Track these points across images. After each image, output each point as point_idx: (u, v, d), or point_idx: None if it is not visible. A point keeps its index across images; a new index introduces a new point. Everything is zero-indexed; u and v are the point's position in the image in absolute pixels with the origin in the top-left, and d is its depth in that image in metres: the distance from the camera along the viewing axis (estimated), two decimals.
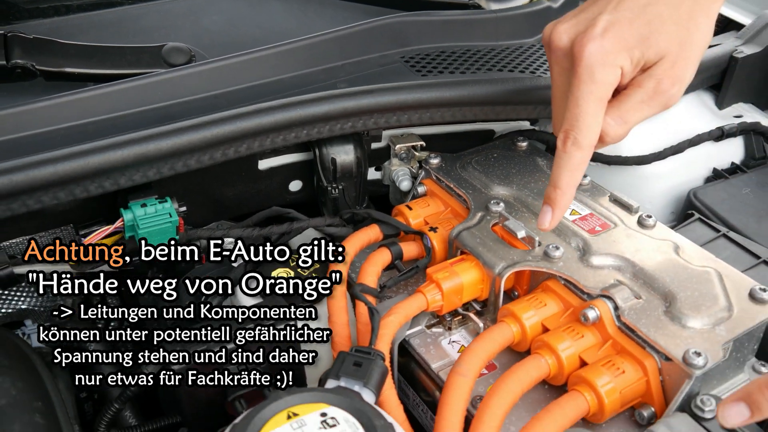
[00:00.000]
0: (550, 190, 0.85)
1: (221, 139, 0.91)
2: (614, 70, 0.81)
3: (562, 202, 0.85)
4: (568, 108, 0.82)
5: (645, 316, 0.82)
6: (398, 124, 1.03)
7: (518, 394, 0.80)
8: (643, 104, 0.84)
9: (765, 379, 0.68)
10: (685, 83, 0.84)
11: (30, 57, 1.00)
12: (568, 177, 0.84)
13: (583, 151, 0.82)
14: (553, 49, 0.86)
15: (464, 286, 0.92)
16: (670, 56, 0.82)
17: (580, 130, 0.81)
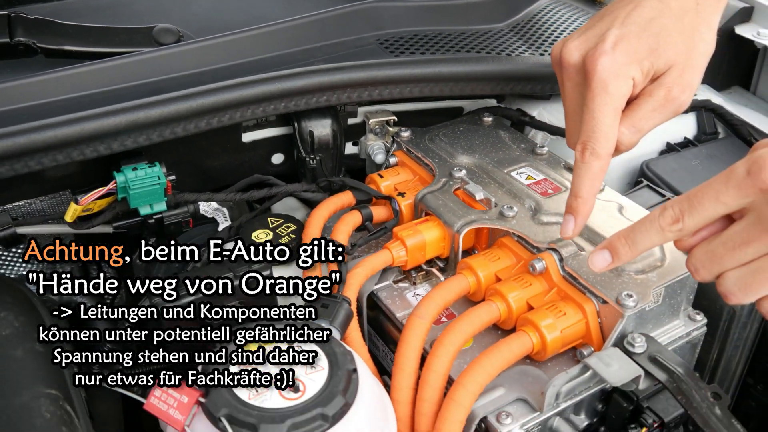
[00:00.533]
0: (572, 199, 0.87)
1: (205, 109, 1.00)
2: (627, 81, 0.85)
3: (584, 211, 0.87)
4: (585, 120, 0.86)
5: (586, 266, 0.91)
6: (370, 99, 1.12)
7: (470, 333, 0.89)
8: (655, 112, 0.88)
9: (624, 231, 0.76)
10: (694, 89, 0.89)
11: (31, 35, 1.09)
12: (589, 186, 0.86)
13: (601, 161, 0.85)
14: (564, 65, 0.89)
15: (427, 243, 1.00)
16: (678, 65, 0.86)
17: (597, 140, 0.85)
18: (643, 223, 0.75)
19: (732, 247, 0.69)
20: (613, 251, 0.78)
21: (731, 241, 0.69)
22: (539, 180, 1.06)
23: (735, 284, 0.70)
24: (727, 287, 0.71)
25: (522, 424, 0.84)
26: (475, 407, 0.84)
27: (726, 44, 1.34)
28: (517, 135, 1.19)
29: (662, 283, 0.89)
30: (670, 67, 0.86)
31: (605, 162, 0.85)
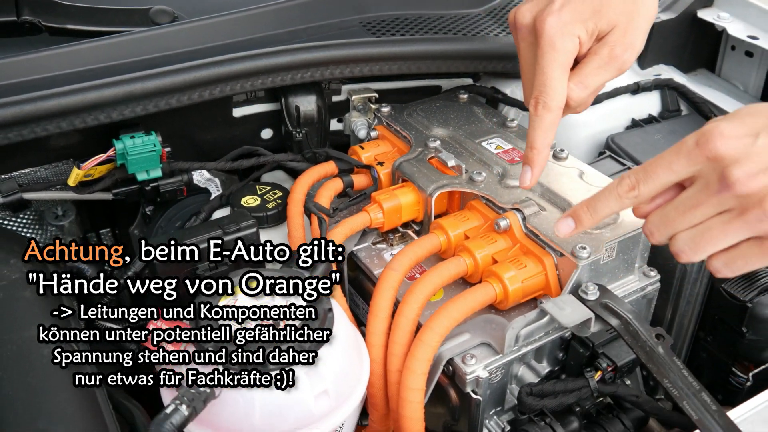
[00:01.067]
0: (528, 151, 0.95)
1: (197, 82, 1.08)
2: (572, 38, 0.93)
3: (539, 161, 0.95)
4: (536, 76, 0.94)
5: (546, 223, 0.99)
6: (352, 75, 1.20)
7: (438, 284, 0.97)
8: (600, 69, 0.95)
9: (586, 200, 0.83)
10: (636, 49, 0.97)
11: (37, 15, 1.18)
12: (542, 137, 0.94)
13: (552, 113, 0.93)
14: (518, 27, 0.98)
15: (402, 207, 1.09)
16: (621, 26, 0.95)
17: (548, 94, 0.93)
18: (603, 192, 0.82)
19: (683, 211, 0.76)
20: (576, 218, 0.85)
21: (682, 205, 0.76)
22: (507, 149, 1.14)
23: (686, 244, 0.77)
24: (678, 247, 0.78)
25: (485, 365, 0.92)
26: (442, 350, 0.92)
27: (689, 28, 1.43)
28: (490, 110, 1.27)
29: (615, 239, 0.97)
30: (613, 27, 0.94)
31: (556, 115, 0.93)
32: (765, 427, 0.83)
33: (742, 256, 0.75)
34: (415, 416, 0.89)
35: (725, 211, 0.74)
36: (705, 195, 0.74)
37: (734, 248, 0.76)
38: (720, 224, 0.74)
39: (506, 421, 0.99)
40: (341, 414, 0.83)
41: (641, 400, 0.96)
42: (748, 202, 0.71)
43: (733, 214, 0.73)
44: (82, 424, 0.74)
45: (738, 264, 0.76)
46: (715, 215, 0.75)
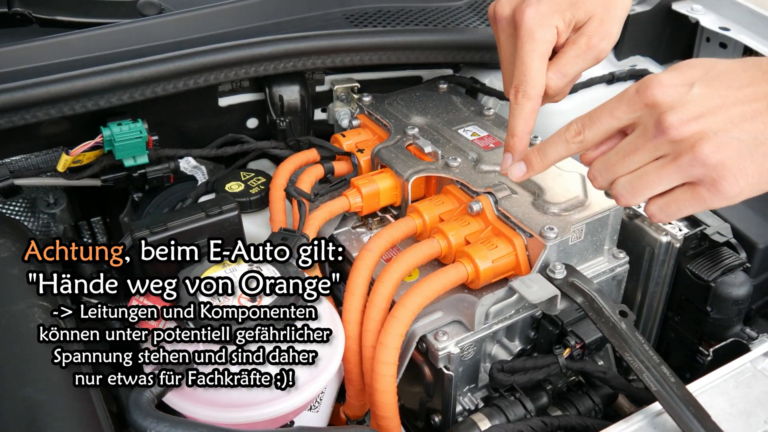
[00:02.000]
0: (509, 138, 0.98)
1: (182, 71, 1.12)
2: (551, 29, 0.96)
3: (520, 148, 0.97)
4: (516, 66, 0.97)
5: (517, 206, 1.03)
6: (333, 65, 1.24)
7: (412, 264, 1.01)
8: (578, 58, 0.99)
9: (537, 145, 0.89)
10: (612, 38, 1.00)
11: (27, 6, 1.21)
12: (523, 125, 0.97)
13: (532, 101, 0.96)
14: (498, 19, 1.01)
15: (380, 191, 1.12)
16: (597, 16, 0.98)
17: (527, 83, 0.96)
18: (552, 137, 0.87)
19: (623, 156, 0.80)
20: (527, 163, 0.90)
21: (622, 150, 0.80)
22: (483, 136, 1.18)
23: (623, 187, 0.81)
24: (617, 190, 0.82)
25: (457, 342, 0.96)
26: (415, 327, 0.96)
27: (664, 19, 1.47)
28: (468, 99, 1.31)
29: (582, 220, 1.01)
30: (590, 17, 0.98)
31: (536, 103, 0.96)
32: (722, 400, 0.87)
33: (676, 200, 0.79)
34: (387, 389, 0.93)
35: (661, 157, 0.78)
36: (642, 140, 0.78)
37: (668, 193, 0.79)
38: (655, 169, 0.78)
39: (480, 398, 1.03)
40: (316, 386, 0.87)
41: (608, 376, 1.00)
42: (681, 148, 0.75)
43: (668, 160, 0.77)
44: (67, 393, 0.78)
45: (672, 209, 0.80)
46: (652, 161, 0.78)
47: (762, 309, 1.18)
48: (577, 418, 0.97)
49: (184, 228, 1.00)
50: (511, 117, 0.98)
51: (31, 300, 0.85)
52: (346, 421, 1.08)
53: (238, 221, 1.04)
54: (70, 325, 0.87)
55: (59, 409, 0.75)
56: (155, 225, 0.98)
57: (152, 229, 0.98)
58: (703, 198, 0.77)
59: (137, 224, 0.99)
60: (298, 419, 0.95)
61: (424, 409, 1.05)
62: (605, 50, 1.00)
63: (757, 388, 0.88)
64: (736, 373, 0.90)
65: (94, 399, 0.80)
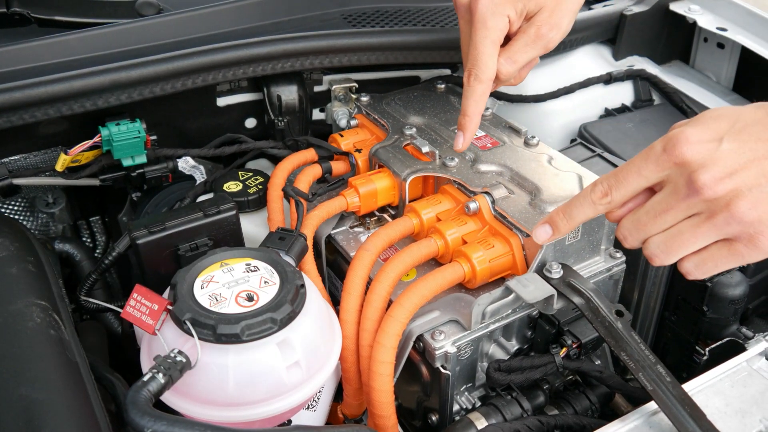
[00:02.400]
0: (461, 118, 1.06)
1: (180, 71, 1.12)
2: (502, 18, 1.03)
3: (471, 126, 1.06)
4: (470, 51, 1.04)
5: (514, 206, 1.03)
6: (331, 65, 1.24)
7: (409, 263, 1.01)
8: (527, 46, 1.05)
9: (562, 207, 0.87)
10: (562, 30, 1.06)
11: (26, 6, 1.22)
12: (474, 106, 1.04)
13: (483, 84, 1.03)
14: (457, 6, 1.08)
15: (378, 191, 1.13)
16: (548, 7, 1.04)
17: (479, 67, 1.03)
18: (578, 198, 0.85)
19: (654, 215, 0.78)
20: (553, 225, 0.88)
21: (653, 210, 0.79)
22: (480, 136, 1.18)
23: (658, 247, 0.80)
24: (651, 250, 0.81)
25: (453, 341, 0.96)
26: (412, 327, 0.96)
27: (662, 20, 1.47)
28: None
29: None
30: (540, 8, 1.04)
31: (487, 86, 1.03)
32: (718, 399, 0.87)
33: (712, 258, 0.78)
34: (384, 389, 0.93)
35: (694, 215, 0.76)
36: (674, 199, 0.76)
37: (704, 250, 0.78)
38: (690, 228, 0.76)
39: (477, 397, 1.04)
40: (312, 385, 0.88)
41: (605, 375, 1.00)
42: (716, 206, 0.74)
43: (702, 218, 0.75)
44: (64, 392, 0.78)
45: (708, 266, 0.79)
46: (685, 219, 0.77)
47: (758, 309, 1.19)
48: (574, 417, 0.98)
49: (182, 227, 1.01)
50: (464, 98, 1.05)
51: (29, 299, 0.85)
52: (343, 420, 1.08)
53: (236, 221, 1.05)
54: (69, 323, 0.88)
55: (57, 408, 0.75)
56: (153, 224, 0.99)
57: (150, 228, 0.99)
58: (741, 254, 0.76)
59: (135, 224, 1.00)
60: (295, 418, 0.95)
61: (421, 408, 1.05)
62: (554, 40, 1.06)
63: (753, 387, 0.88)
64: (731, 373, 0.90)
65: (92, 398, 0.80)
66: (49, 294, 0.89)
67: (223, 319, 0.82)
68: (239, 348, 0.82)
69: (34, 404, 0.74)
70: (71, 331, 0.88)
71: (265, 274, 0.89)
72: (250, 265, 0.90)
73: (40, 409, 0.74)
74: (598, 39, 1.44)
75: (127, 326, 1.11)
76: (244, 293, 0.86)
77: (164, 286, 0.94)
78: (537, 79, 1.39)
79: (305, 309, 0.88)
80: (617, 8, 1.43)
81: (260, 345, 0.83)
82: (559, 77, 1.39)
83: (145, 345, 0.90)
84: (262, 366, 0.83)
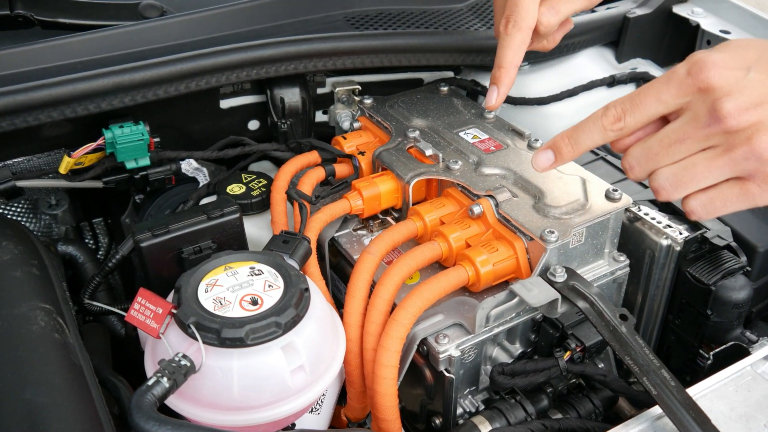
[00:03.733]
0: (495, 70, 0.96)
1: (183, 73, 1.12)
2: None
3: (506, 80, 0.96)
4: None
5: (518, 209, 1.03)
6: (334, 68, 1.24)
7: (413, 267, 1.01)
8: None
9: (567, 131, 0.82)
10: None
11: (29, 8, 1.22)
12: (511, 56, 0.96)
13: (522, 32, 0.95)
14: None
15: (381, 194, 1.13)
16: None
17: (519, 13, 0.94)
18: (586, 122, 0.79)
19: (667, 144, 0.73)
20: (556, 150, 0.83)
21: (667, 138, 0.73)
22: (484, 139, 1.18)
23: (667, 179, 0.74)
24: (659, 182, 0.75)
25: (457, 345, 0.96)
26: (416, 330, 0.96)
27: (665, 22, 1.47)
28: (469, 102, 1.31)
29: (583, 224, 1.01)
30: None
31: (526, 35, 0.94)
32: (722, 403, 0.87)
33: (721, 196, 0.73)
34: (388, 392, 0.93)
35: (710, 147, 0.71)
36: (692, 128, 0.71)
37: (714, 188, 0.73)
38: (704, 161, 0.71)
39: (480, 400, 1.04)
40: (317, 389, 0.87)
41: (609, 379, 1.00)
42: (736, 139, 0.69)
43: (719, 151, 0.71)
44: (68, 396, 0.78)
45: (716, 205, 0.74)
46: (700, 151, 0.72)
47: (762, 312, 1.18)
48: (578, 421, 0.97)
49: (185, 230, 1.00)
50: (500, 48, 0.96)
51: (33, 303, 0.85)
52: (347, 423, 1.08)
53: (239, 223, 1.05)
54: (73, 327, 0.88)
55: (61, 412, 0.75)
56: (157, 227, 0.99)
57: (154, 231, 0.99)
58: (753, 194, 0.71)
59: (139, 226, 0.99)
60: (299, 422, 0.95)
61: (424, 411, 1.05)
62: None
63: (757, 391, 0.88)
64: (736, 377, 0.90)
65: (96, 401, 0.80)
66: (53, 297, 0.89)
67: (227, 323, 0.82)
68: (244, 352, 0.82)
69: (38, 408, 0.74)
70: (75, 335, 0.88)
71: (269, 277, 0.89)
72: (254, 268, 0.90)
73: (44, 412, 0.74)
74: (601, 41, 1.44)
75: (131, 329, 1.10)
76: (249, 297, 0.86)
77: (168, 288, 0.94)
78: (540, 82, 1.39)
79: (309, 313, 0.88)
80: (620, 11, 1.43)
81: (265, 349, 0.83)
82: (562, 80, 1.38)
83: (149, 348, 0.90)
84: (266, 370, 0.83)
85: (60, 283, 0.93)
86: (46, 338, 0.82)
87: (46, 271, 0.92)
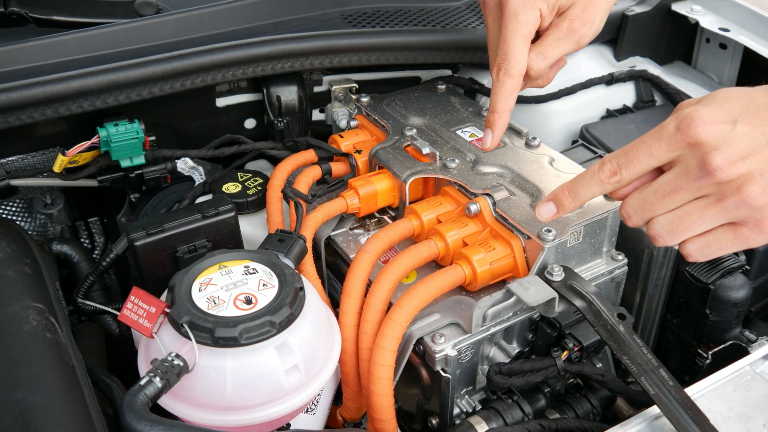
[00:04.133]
0: (489, 115, 1.02)
1: (179, 71, 1.11)
2: (534, 12, 1.00)
3: (500, 124, 1.02)
4: (500, 45, 1.00)
5: (515, 208, 1.02)
6: (331, 66, 1.24)
7: (410, 266, 1.00)
8: (559, 41, 1.02)
9: (567, 184, 0.85)
10: (595, 25, 1.03)
11: (24, 6, 1.21)
12: (503, 102, 1.01)
13: (513, 80, 1.00)
14: (486, 2, 1.05)
15: (378, 193, 1.12)
16: (580, 3, 1.01)
17: (509, 62, 0.99)
18: (584, 176, 0.83)
19: (662, 195, 0.77)
20: (557, 202, 0.86)
21: (661, 189, 0.77)
22: (481, 137, 1.17)
23: (663, 228, 0.78)
24: (656, 230, 0.79)
25: (454, 344, 0.95)
26: (412, 329, 0.95)
27: (664, 20, 1.46)
28: (467, 100, 1.30)
29: (581, 222, 1.00)
30: (573, 3, 1.01)
31: (517, 81, 0.99)
32: (720, 403, 0.87)
33: (716, 240, 0.77)
34: (384, 392, 0.92)
35: (703, 197, 0.75)
36: (684, 180, 0.75)
37: (709, 233, 0.77)
38: (698, 210, 0.75)
39: (477, 400, 1.03)
40: (312, 389, 0.87)
41: (606, 378, 1.00)
42: (727, 189, 0.73)
43: (711, 200, 0.74)
44: (60, 395, 0.77)
45: (712, 248, 0.78)
46: (693, 200, 0.76)
47: (761, 312, 1.18)
48: (575, 420, 0.97)
49: (180, 229, 1.00)
50: (493, 94, 1.01)
51: (26, 302, 0.84)
52: (342, 423, 1.07)
53: (234, 222, 1.04)
54: (65, 326, 0.87)
55: (53, 412, 0.74)
56: (151, 226, 0.98)
57: (148, 230, 0.98)
58: (746, 238, 0.75)
59: (133, 225, 0.99)
60: (294, 422, 0.94)
61: (421, 411, 1.04)
62: (587, 36, 1.03)
63: (756, 391, 0.87)
64: (734, 377, 0.89)
65: (89, 401, 0.80)
66: (46, 297, 0.88)
67: (221, 322, 0.81)
68: (237, 351, 0.81)
69: (30, 408, 0.73)
70: (68, 334, 0.87)
71: (263, 276, 0.88)
72: (248, 267, 0.89)
73: (35, 413, 0.73)
74: (600, 39, 1.43)
75: (125, 329, 1.10)
76: (243, 296, 0.85)
77: (162, 288, 0.93)
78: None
79: (304, 312, 0.87)
80: (619, 8, 1.42)
81: (259, 348, 0.82)
82: (561, 78, 1.37)
83: (142, 348, 0.89)
84: (260, 369, 0.82)
85: (53, 283, 0.93)
86: (38, 337, 0.81)
87: (39, 270, 0.92)
